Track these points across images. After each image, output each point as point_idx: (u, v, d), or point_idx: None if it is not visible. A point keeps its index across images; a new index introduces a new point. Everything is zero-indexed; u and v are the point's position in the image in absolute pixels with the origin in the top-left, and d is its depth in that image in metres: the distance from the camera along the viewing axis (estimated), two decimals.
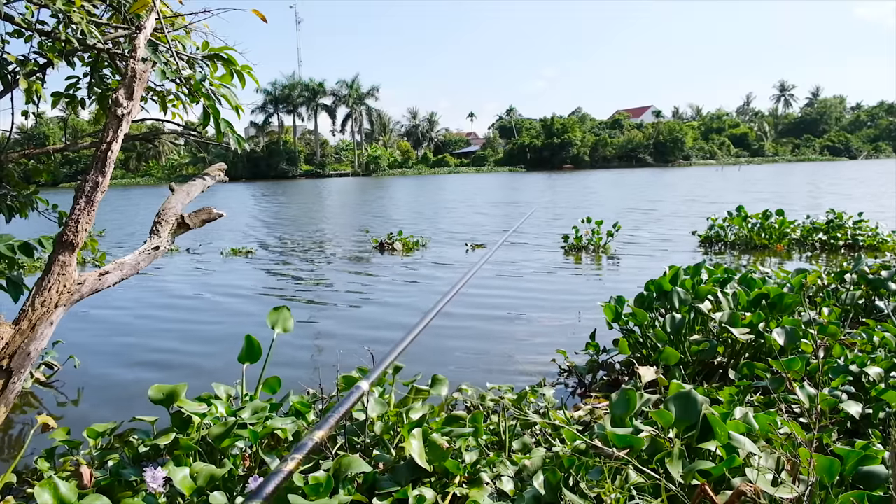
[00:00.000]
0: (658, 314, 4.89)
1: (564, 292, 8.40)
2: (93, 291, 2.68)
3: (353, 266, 11.33)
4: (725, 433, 2.47)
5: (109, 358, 5.94)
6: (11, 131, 3.65)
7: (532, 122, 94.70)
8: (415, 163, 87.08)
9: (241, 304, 8.30)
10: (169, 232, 3.02)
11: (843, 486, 2.38)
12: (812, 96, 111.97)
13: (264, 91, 78.05)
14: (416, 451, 2.65)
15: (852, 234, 11.16)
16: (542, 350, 5.51)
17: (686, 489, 2.36)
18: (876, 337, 4.18)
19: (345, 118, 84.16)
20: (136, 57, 2.85)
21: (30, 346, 2.43)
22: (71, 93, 3.62)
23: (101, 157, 2.67)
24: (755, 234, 11.82)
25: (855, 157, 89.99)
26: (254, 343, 3.52)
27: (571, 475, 2.51)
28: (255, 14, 3.52)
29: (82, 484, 2.73)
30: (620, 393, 2.92)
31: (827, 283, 6.18)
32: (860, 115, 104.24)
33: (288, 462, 1.61)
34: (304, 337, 6.37)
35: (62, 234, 2.57)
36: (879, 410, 3.16)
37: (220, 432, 2.79)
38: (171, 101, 3.61)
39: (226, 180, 3.79)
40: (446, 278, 9.57)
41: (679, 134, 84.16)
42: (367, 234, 15.36)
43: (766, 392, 3.70)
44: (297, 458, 1.64)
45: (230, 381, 3.51)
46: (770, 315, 4.54)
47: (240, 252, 13.08)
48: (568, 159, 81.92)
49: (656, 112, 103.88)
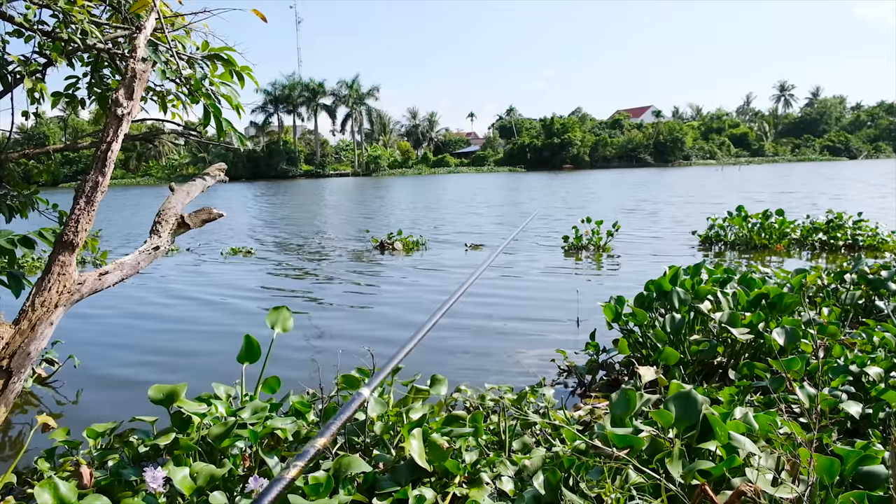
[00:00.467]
0: (658, 314, 4.89)
1: (564, 292, 8.40)
2: (93, 291, 2.68)
3: (353, 266, 11.33)
4: (725, 433, 2.47)
5: (109, 358, 5.94)
6: (11, 131, 3.65)
7: (532, 122, 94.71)
8: (415, 163, 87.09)
9: (241, 303, 8.30)
10: (169, 232, 3.02)
11: (843, 486, 2.38)
12: (812, 96, 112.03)
13: (264, 91, 78.20)
14: (416, 451, 2.65)
15: (852, 235, 11.17)
16: (542, 350, 5.51)
17: (686, 489, 2.36)
18: (876, 337, 4.18)
19: (345, 118, 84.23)
20: (136, 57, 2.85)
21: (30, 346, 2.43)
22: (71, 93, 3.62)
23: (101, 157, 2.67)
24: (755, 234, 11.83)
25: (855, 157, 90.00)
26: (253, 343, 3.52)
27: (571, 475, 2.51)
28: (254, 14, 3.52)
29: (82, 484, 2.73)
30: (620, 393, 2.92)
31: (827, 283, 6.18)
32: (860, 115, 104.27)
33: (290, 469, 1.62)
34: (303, 337, 6.38)
35: (62, 233, 2.57)
36: (879, 410, 3.16)
37: (220, 432, 2.79)
38: (171, 101, 3.61)
39: (226, 180, 3.79)
40: (446, 278, 9.57)
41: (679, 134, 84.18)
42: (367, 234, 15.36)
43: (766, 392, 3.70)
44: (299, 466, 1.65)
45: (230, 380, 3.51)
46: (770, 315, 4.54)
47: (240, 252, 13.08)
48: (568, 159, 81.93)
49: (656, 112, 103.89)
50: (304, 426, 3.11)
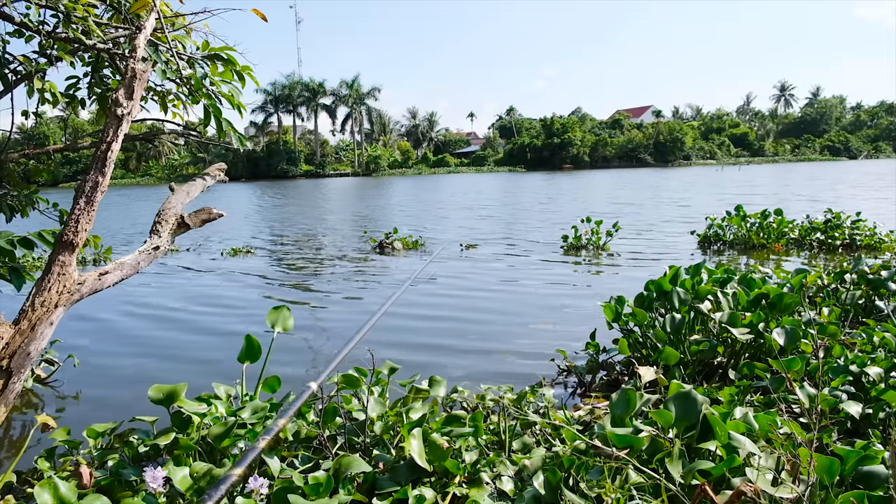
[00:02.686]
0: (658, 314, 4.89)
1: (564, 292, 8.40)
2: (93, 291, 2.68)
3: (352, 265, 11.33)
4: (725, 433, 2.48)
5: (109, 358, 5.93)
6: (11, 131, 3.65)
7: (532, 122, 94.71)
8: (415, 163, 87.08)
9: (241, 303, 8.30)
10: (169, 232, 3.02)
11: (843, 486, 2.38)
12: (812, 96, 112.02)
13: (264, 91, 78.20)
14: (416, 451, 2.65)
15: (850, 234, 11.19)
16: (542, 350, 5.51)
17: (686, 489, 2.36)
18: (876, 337, 4.18)
19: (345, 118, 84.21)
20: (136, 57, 2.85)
21: (30, 346, 2.43)
22: (71, 93, 3.62)
23: (101, 157, 2.67)
24: (753, 233, 11.85)
25: (855, 157, 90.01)
26: (253, 342, 3.52)
27: (571, 475, 2.51)
28: (255, 14, 3.52)
29: (82, 484, 2.73)
30: (620, 393, 2.92)
31: (827, 283, 6.18)
32: (860, 115, 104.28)
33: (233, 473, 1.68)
34: (303, 336, 6.37)
35: (62, 233, 2.57)
36: (879, 410, 3.16)
37: (219, 432, 2.79)
38: (171, 101, 3.61)
39: (226, 180, 3.79)
40: (446, 278, 9.57)
41: (679, 134, 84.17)
42: (367, 234, 15.36)
43: (766, 392, 3.70)
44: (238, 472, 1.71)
45: (230, 380, 3.51)
46: (770, 315, 4.54)
47: (240, 251, 13.07)
48: (568, 159, 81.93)
49: (656, 112, 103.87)
50: (304, 426, 3.11)
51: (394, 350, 5.59)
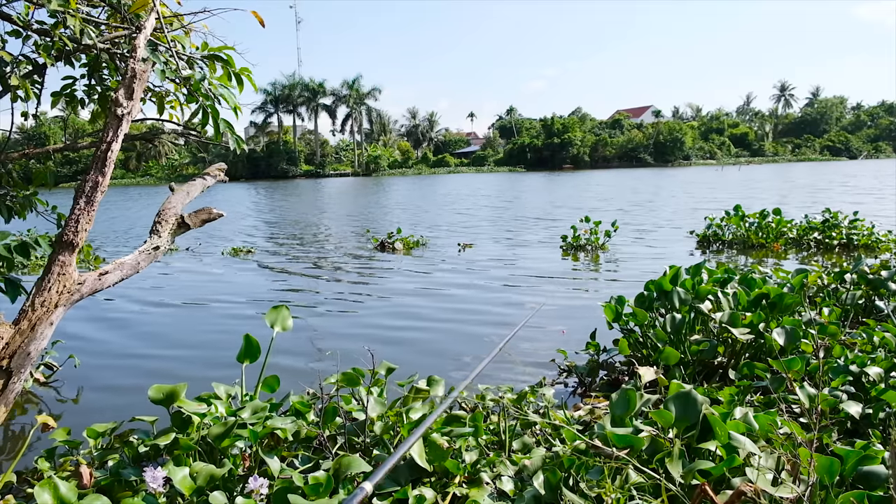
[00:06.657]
0: (658, 314, 4.89)
1: (563, 292, 8.40)
2: (93, 291, 2.68)
3: (353, 265, 11.33)
4: (725, 433, 2.47)
5: (109, 358, 5.93)
6: (11, 131, 3.65)
7: (532, 122, 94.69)
8: (415, 163, 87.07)
9: (241, 303, 8.30)
10: (169, 232, 3.02)
11: (843, 486, 2.38)
12: (812, 96, 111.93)
13: (264, 91, 78.16)
14: (416, 451, 2.65)
15: (847, 234, 11.21)
16: (542, 350, 5.51)
17: (686, 489, 2.36)
18: (876, 337, 4.18)
19: (345, 118, 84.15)
20: (135, 57, 2.85)
21: (30, 346, 2.43)
22: (70, 93, 3.61)
23: (101, 157, 2.67)
24: (752, 233, 11.86)
25: (855, 157, 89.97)
26: (253, 342, 3.52)
27: (571, 475, 2.51)
28: (253, 16, 3.52)
29: (82, 484, 2.73)
30: (620, 393, 2.92)
31: (827, 283, 6.17)
32: (860, 115, 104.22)
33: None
34: (303, 336, 6.37)
35: (62, 234, 2.57)
36: (879, 410, 3.16)
37: (219, 432, 2.79)
38: (169, 102, 3.61)
39: (226, 180, 3.79)
40: (446, 278, 9.57)
41: (679, 134, 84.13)
42: (368, 233, 15.35)
43: (766, 392, 3.70)
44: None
45: (230, 380, 3.51)
46: (770, 315, 4.54)
47: (240, 251, 13.07)
48: (568, 159, 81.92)
49: (656, 112, 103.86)
50: (304, 426, 3.11)
51: (393, 348, 5.59)
